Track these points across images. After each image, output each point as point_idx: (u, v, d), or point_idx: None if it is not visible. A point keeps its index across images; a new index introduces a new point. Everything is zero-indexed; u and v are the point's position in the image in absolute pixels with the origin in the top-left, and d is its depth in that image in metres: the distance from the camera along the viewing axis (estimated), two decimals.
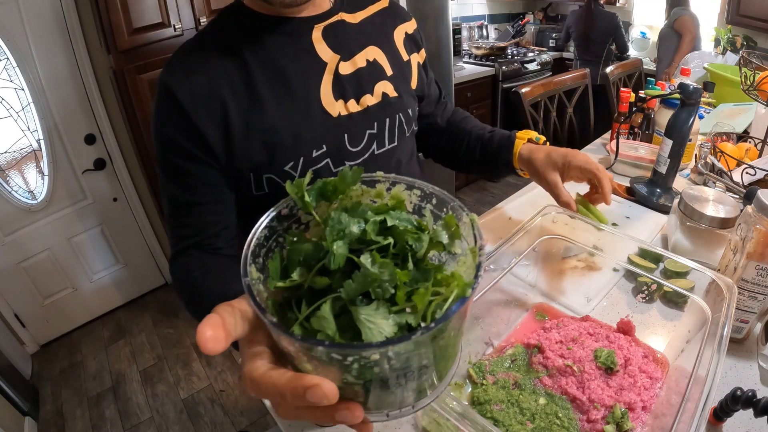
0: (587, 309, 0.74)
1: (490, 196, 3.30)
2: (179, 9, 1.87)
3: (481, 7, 3.80)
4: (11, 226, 1.98)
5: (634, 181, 1.10)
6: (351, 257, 0.26)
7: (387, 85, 0.74)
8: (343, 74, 0.69)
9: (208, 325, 0.25)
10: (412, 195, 0.31)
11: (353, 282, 0.24)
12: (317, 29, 0.68)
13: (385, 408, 0.27)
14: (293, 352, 0.24)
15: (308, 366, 0.24)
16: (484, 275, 0.62)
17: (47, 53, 1.85)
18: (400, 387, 0.25)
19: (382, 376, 0.24)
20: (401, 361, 0.23)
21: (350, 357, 0.22)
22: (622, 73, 1.96)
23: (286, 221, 0.30)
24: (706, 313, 0.55)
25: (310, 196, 0.28)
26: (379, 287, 0.24)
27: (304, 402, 0.24)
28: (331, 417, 0.25)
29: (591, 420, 0.54)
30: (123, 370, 2.08)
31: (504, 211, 1.07)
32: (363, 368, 0.23)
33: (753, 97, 1.05)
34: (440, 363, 0.26)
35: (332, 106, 0.68)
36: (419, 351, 0.24)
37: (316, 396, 0.23)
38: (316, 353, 0.23)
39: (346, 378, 0.24)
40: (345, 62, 0.70)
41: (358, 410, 0.25)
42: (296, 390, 0.24)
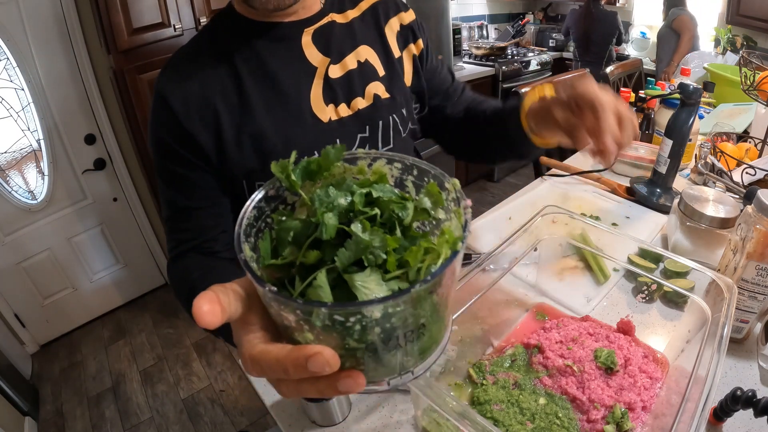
0: (587, 309, 0.74)
1: (490, 196, 3.30)
2: (179, 9, 1.87)
3: (481, 7, 3.80)
4: (11, 226, 1.98)
5: (634, 181, 1.10)
6: (342, 227, 0.26)
7: (379, 87, 0.72)
8: (333, 78, 0.68)
9: (204, 299, 0.25)
10: (393, 168, 0.31)
11: (346, 250, 0.25)
12: (307, 33, 0.67)
13: (385, 375, 0.28)
14: (293, 322, 0.24)
15: (309, 335, 0.24)
16: (487, 271, 0.62)
17: (47, 53, 1.85)
18: (400, 349, 0.26)
19: (383, 337, 0.24)
20: (400, 319, 0.24)
21: (352, 318, 0.22)
22: (622, 73, 1.96)
23: (273, 202, 0.30)
24: (706, 313, 0.55)
25: (295, 176, 0.29)
26: (371, 254, 0.25)
27: (306, 373, 0.24)
28: (334, 387, 0.25)
29: (591, 420, 0.54)
30: (123, 370, 2.08)
31: (504, 211, 1.07)
32: (364, 330, 0.23)
33: (753, 97, 1.05)
34: (435, 325, 0.27)
35: (322, 112, 0.68)
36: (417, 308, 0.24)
37: (318, 364, 0.23)
38: (319, 317, 0.23)
39: (347, 343, 0.24)
40: (335, 65, 0.69)
41: (360, 377, 0.25)
42: (297, 360, 0.24)
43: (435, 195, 0.29)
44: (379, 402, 0.63)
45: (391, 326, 0.24)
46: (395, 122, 0.74)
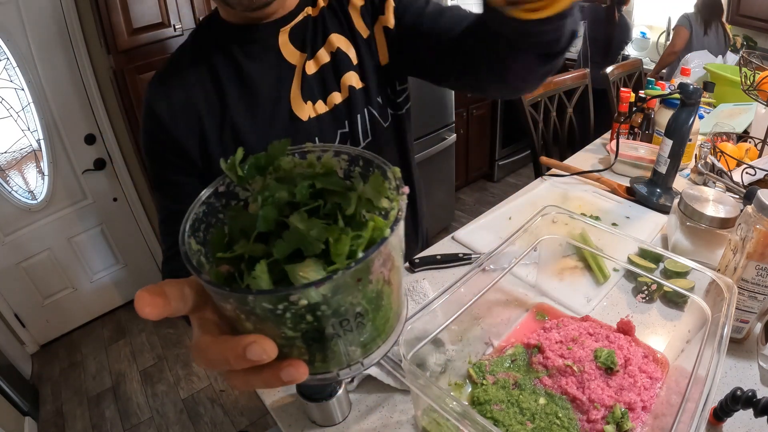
0: (587, 309, 0.74)
1: (490, 196, 3.30)
2: (179, 9, 1.87)
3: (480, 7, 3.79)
4: (11, 226, 1.98)
5: (634, 181, 1.10)
6: (282, 219, 0.27)
7: (353, 77, 0.70)
8: (309, 74, 0.68)
9: (147, 290, 0.26)
10: (341, 161, 0.32)
11: (283, 240, 0.26)
12: (283, 33, 0.67)
13: (332, 366, 0.28)
14: (231, 311, 0.25)
15: (248, 324, 0.25)
16: (487, 271, 0.62)
17: (47, 53, 1.85)
18: (340, 339, 0.26)
19: (317, 327, 0.25)
20: (332, 307, 0.24)
21: (280, 304, 0.23)
22: (622, 73, 1.96)
23: (224, 198, 0.31)
24: (706, 313, 0.55)
25: (244, 171, 0.30)
26: (309, 243, 0.25)
27: (247, 362, 0.24)
28: (277, 377, 0.25)
29: (591, 420, 0.54)
30: (123, 370, 2.08)
31: (504, 211, 1.07)
32: (296, 317, 0.24)
33: (753, 97, 1.05)
34: (376, 315, 0.27)
35: (302, 110, 0.68)
36: (348, 296, 0.25)
37: (255, 353, 0.24)
38: (248, 304, 0.23)
39: (283, 332, 0.24)
40: (310, 61, 0.68)
41: (302, 367, 0.25)
42: (236, 350, 0.24)
43: (378, 185, 0.29)
44: (379, 402, 0.63)
45: (322, 314, 0.24)
46: (372, 114, 0.73)
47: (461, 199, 3.26)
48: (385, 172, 0.30)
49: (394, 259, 0.27)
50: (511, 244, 0.65)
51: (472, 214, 2.96)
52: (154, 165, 0.67)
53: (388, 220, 0.27)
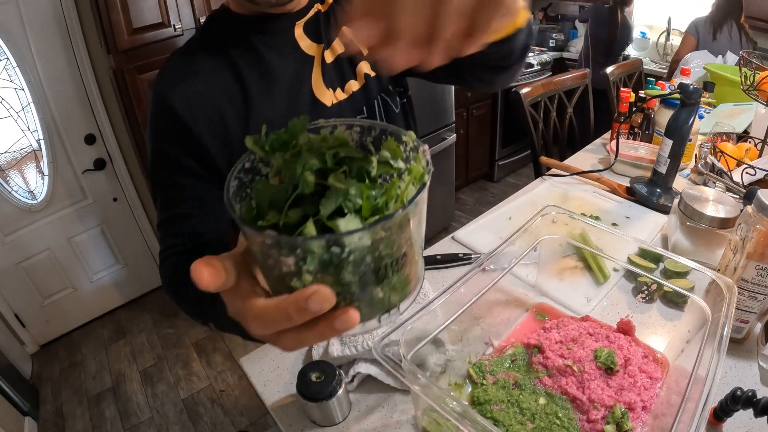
0: (587, 309, 0.74)
1: (490, 196, 3.30)
2: (179, 9, 1.87)
3: None
4: (11, 226, 1.98)
5: (634, 181, 1.10)
6: (319, 182, 0.29)
7: (365, 65, 0.73)
8: (328, 63, 0.70)
9: (203, 262, 0.27)
10: (353, 133, 0.34)
11: (327, 199, 0.27)
12: (298, 26, 0.68)
13: (375, 313, 0.30)
14: (292, 265, 0.26)
15: (307, 277, 0.26)
16: (487, 271, 0.62)
17: (47, 53, 1.85)
18: (386, 281, 0.29)
19: (373, 267, 0.27)
20: (387, 246, 0.27)
21: (347, 247, 0.25)
22: (622, 73, 1.96)
23: (250, 174, 0.33)
24: (706, 313, 0.55)
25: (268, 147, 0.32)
26: (349, 200, 0.28)
27: (308, 314, 0.26)
28: (332, 327, 0.27)
29: (591, 420, 0.54)
30: (123, 370, 2.08)
31: (504, 211, 1.07)
32: (357, 261, 0.26)
33: (753, 97, 1.05)
34: (413, 257, 0.30)
35: (325, 96, 0.69)
36: (399, 234, 0.27)
37: (317, 301, 0.25)
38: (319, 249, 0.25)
39: (343, 277, 0.26)
40: (327, 51, 0.70)
41: (354, 313, 0.27)
42: (298, 303, 0.25)
43: (394, 149, 0.32)
44: (379, 402, 0.63)
45: (379, 254, 0.27)
46: (385, 100, 0.76)
47: (461, 199, 3.26)
48: (399, 137, 0.33)
49: (424, 207, 0.30)
50: (511, 244, 0.65)
51: (472, 214, 2.96)
52: (164, 166, 0.65)
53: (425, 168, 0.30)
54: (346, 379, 0.64)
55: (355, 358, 0.65)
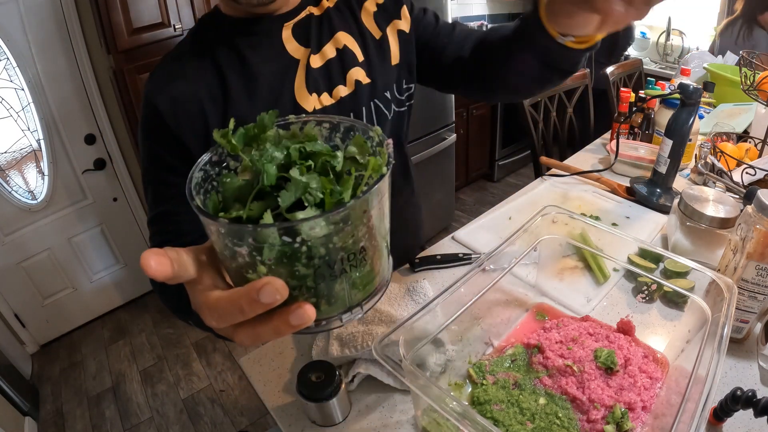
0: (587, 309, 0.74)
1: (490, 196, 3.30)
2: (179, 9, 1.87)
3: (481, 7, 3.80)
4: (11, 226, 1.98)
5: (634, 181, 1.10)
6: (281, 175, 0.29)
7: (359, 72, 0.72)
8: (314, 67, 0.69)
9: (152, 252, 0.27)
10: (322, 129, 0.35)
11: (287, 191, 0.28)
12: (286, 28, 0.68)
13: (336, 310, 0.30)
14: (246, 255, 0.27)
15: (261, 268, 0.27)
16: (487, 271, 0.62)
17: (47, 53, 1.85)
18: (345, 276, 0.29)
19: (328, 260, 0.27)
20: (341, 239, 0.27)
21: (299, 237, 0.25)
22: (622, 73, 1.96)
23: (217, 167, 0.33)
24: (706, 313, 0.55)
25: (236, 140, 0.32)
26: (309, 193, 0.28)
27: (260, 307, 0.26)
28: (287, 322, 0.27)
29: (591, 420, 0.54)
30: (123, 370, 2.08)
31: (504, 211, 1.07)
32: (310, 251, 0.26)
33: (753, 97, 1.05)
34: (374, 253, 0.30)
35: (306, 101, 0.69)
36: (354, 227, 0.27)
37: (269, 293, 0.25)
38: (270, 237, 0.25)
39: (297, 269, 0.27)
40: (315, 55, 0.70)
41: (310, 309, 0.27)
42: (250, 295, 0.25)
43: (360, 144, 0.32)
44: (379, 402, 0.63)
45: (334, 246, 0.27)
46: (377, 107, 0.75)
47: (461, 199, 3.26)
48: (366, 132, 0.33)
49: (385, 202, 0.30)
50: (511, 244, 0.65)
51: (472, 214, 2.96)
52: (150, 164, 0.66)
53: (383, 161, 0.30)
54: (346, 379, 0.64)
55: (355, 358, 0.65)
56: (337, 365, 0.63)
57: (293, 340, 0.75)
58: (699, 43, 3.20)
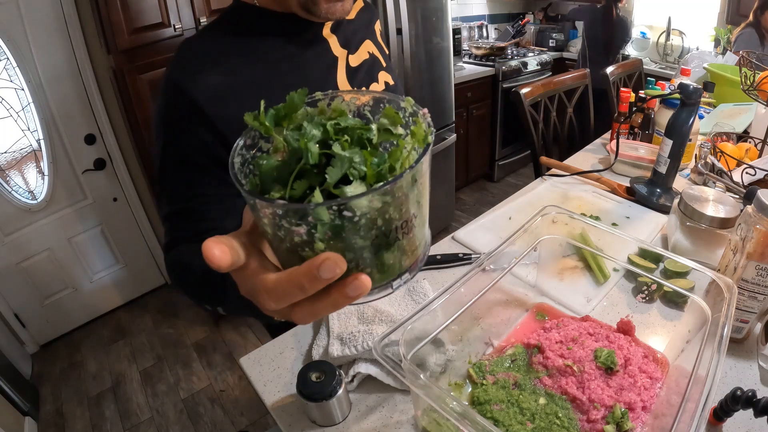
0: (587, 309, 0.74)
1: (490, 196, 3.30)
2: (179, 9, 1.87)
3: (481, 7, 3.80)
4: (11, 226, 1.98)
5: (634, 181, 1.10)
6: (323, 152, 0.29)
7: (386, 75, 0.80)
8: (353, 66, 0.75)
9: (212, 241, 0.27)
10: (350, 104, 0.35)
11: (333, 168, 0.28)
12: (327, 26, 0.72)
13: (387, 277, 0.31)
14: (304, 234, 0.27)
15: (319, 245, 0.27)
16: (487, 271, 0.62)
17: (47, 53, 1.85)
18: (397, 244, 0.29)
19: (384, 230, 0.28)
20: (396, 208, 0.27)
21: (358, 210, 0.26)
22: (622, 73, 1.96)
23: (251, 150, 0.33)
24: (706, 313, 0.55)
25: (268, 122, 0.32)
26: (353, 168, 0.28)
27: (320, 282, 0.26)
28: (344, 294, 0.27)
29: (591, 420, 0.54)
30: (123, 370, 2.08)
31: (504, 211, 1.07)
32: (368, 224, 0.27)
33: (753, 97, 1.05)
34: (420, 219, 0.31)
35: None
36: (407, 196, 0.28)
37: (329, 268, 0.25)
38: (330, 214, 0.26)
39: (354, 242, 0.27)
40: (352, 55, 0.75)
41: (366, 279, 0.27)
42: (310, 272, 0.26)
43: (392, 116, 0.32)
44: (379, 402, 0.63)
45: (389, 216, 0.27)
46: None
47: (461, 199, 3.26)
48: (397, 104, 0.33)
49: (428, 171, 0.30)
50: (511, 244, 0.65)
51: (472, 214, 2.96)
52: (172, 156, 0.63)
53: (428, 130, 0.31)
54: (346, 379, 0.64)
55: (355, 358, 0.65)
56: (337, 365, 0.63)
57: (293, 340, 0.75)
58: (699, 43, 3.20)
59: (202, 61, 0.62)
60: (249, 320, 2.30)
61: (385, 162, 0.29)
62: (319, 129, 0.30)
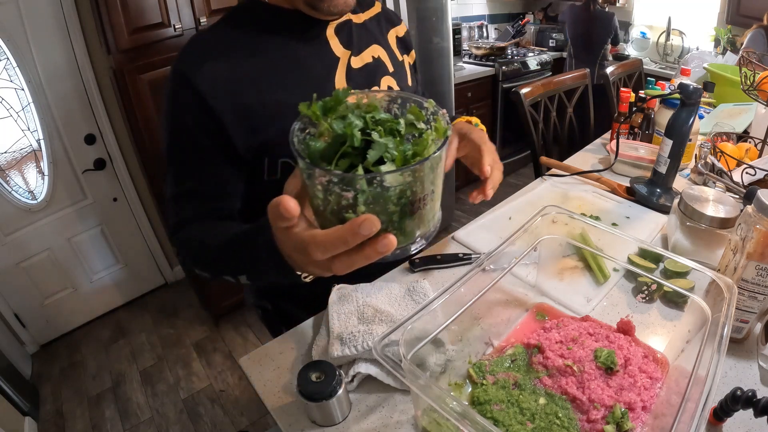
0: (587, 309, 0.74)
1: None
2: (179, 9, 1.87)
3: (481, 7, 3.80)
4: (11, 226, 1.98)
5: (634, 181, 1.10)
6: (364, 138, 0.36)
7: (390, 80, 0.80)
8: (355, 68, 0.76)
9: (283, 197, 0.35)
10: (381, 101, 0.42)
11: (373, 150, 0.35)
12: (331, 26, 0.74)
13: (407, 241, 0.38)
14: (350, 198, 0.34)
15: (361, 207, 0.34)
16: (487, 271, 0.62)
17: (47, 53, 1.85)
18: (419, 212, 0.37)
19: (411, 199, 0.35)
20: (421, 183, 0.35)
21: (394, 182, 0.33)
22: (622, 73, 1.96)
23: (301, 133, 0.39)
24: (706, 313, 0.55)
25: (318, 111, 0.38)
26: (387, 152, 0.35)
27: (360, 238, 0.33)
28: (376, 250, 0.34)
29: (591, 420, 0.54)
30: (123, 370, 2.08)
31: (504, 211, 1.07)
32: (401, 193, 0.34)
33: (753, 97, 1.05)
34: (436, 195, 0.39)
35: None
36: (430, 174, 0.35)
37: (367, 227, 0.32)
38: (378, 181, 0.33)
39: (388, 207, 0.34)
40: (355, 57, 0.76)
41: (392, 238, 0.35)
42: (353, 229, 0.33)
43: (416, 113, 0.40)
44: (379, 402, 0.63)
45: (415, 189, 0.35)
46: None
47: (461, 199, 3.25)
48: (421, 104, 0.41)
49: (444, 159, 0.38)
50: (511, 244, 0.65)
51: (472, 214, 2.95)
52: (179, 142, 0.67)
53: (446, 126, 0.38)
54: (346, 379, 0.64)
55: (355, 358, 0.65)
56: (337, 365, 0.63)
57: (293, 340, 0.75)
58: (699, 43, 3.20)
59: (206, 54, 0.66)
60: (249, 320, 2.30)
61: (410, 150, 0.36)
62: (360, 120, 0.37)
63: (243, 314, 2.34)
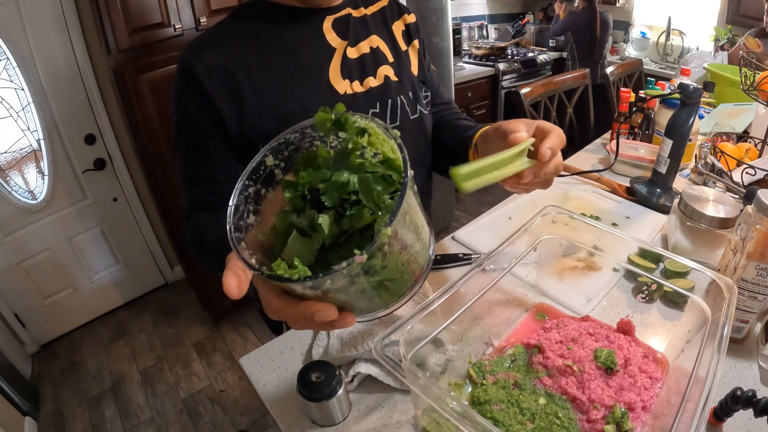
0: (587, 309, 0.74)
1: (490, 197, 3.30)
2: (179, 9, 1.86)
3: (481, 7, 3.80)
4: (11, 226, 1.98)
5: (634, 181, 1.10)
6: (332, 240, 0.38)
7: (389, 70, 0.81)
8: (350, 58, 0.77)
9: (229, 277, 0.35)
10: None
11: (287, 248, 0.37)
12: (328, 20, 0.76)
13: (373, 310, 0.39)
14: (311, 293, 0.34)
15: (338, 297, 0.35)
16: (487, 271, 0.62)
17: (47, 53, 1.85)
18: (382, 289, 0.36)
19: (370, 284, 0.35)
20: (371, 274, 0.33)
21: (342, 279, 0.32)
22: (622, 73, 1.96)
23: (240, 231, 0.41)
24: (706, 313, 0.55)
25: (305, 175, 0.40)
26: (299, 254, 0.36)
27: (313, 325, 0.35)
28: (332, 326, 0.36)
29: (591, 420, 0.54)
30: (123, 370, 2.08)
31: (504, 211, 1.07)
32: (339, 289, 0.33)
33: (753, 97, 1.05)
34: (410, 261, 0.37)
35: (339, 84, 0.75)
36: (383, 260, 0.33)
37: (321, 317, 0.34)
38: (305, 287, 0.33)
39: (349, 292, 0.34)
40: (351, 48, 0.77)
41: (351, 317, 0.36)
42: (306, 315, 0.34)
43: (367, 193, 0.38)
44: (379, 402, 0.63)
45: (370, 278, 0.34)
46: (402, 103, 0.82)
47: (461, 199, 3.26)
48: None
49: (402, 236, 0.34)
50: (511, 244, 0.65)
51: (472, 214, 2.95)
52: (185, 127, 0.71)
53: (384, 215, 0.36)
54: (346, 379, 0.64)
55: (355, 358, 0.65)
56: (337, 365, 0.63)
57: (293, 340, 0.75)
58: (699, 43, 3.20)
59: (207, 44, 0.70)
60: (249, 320, 2.30)
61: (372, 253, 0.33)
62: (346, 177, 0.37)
63: (243, 314, 2.34)
